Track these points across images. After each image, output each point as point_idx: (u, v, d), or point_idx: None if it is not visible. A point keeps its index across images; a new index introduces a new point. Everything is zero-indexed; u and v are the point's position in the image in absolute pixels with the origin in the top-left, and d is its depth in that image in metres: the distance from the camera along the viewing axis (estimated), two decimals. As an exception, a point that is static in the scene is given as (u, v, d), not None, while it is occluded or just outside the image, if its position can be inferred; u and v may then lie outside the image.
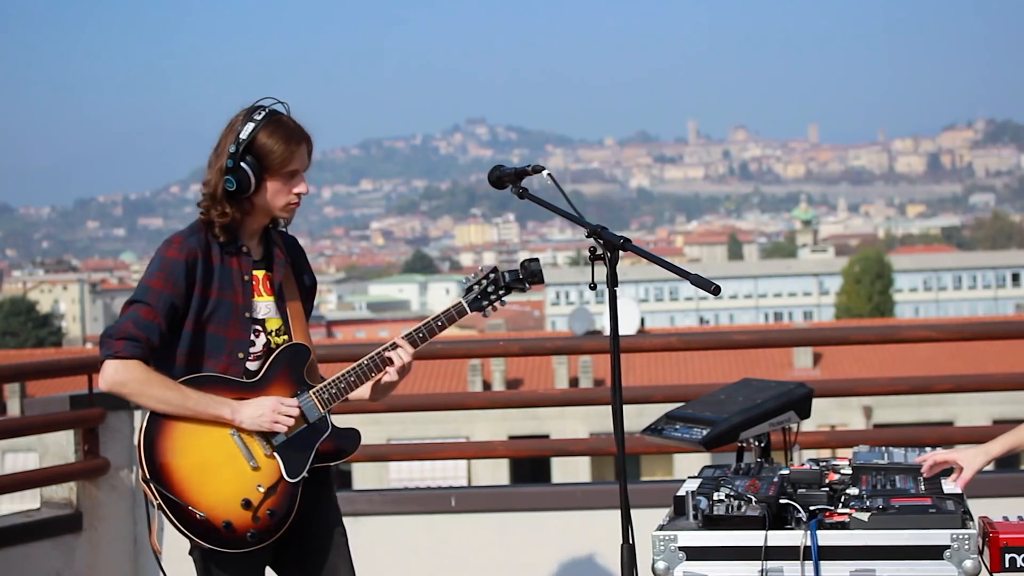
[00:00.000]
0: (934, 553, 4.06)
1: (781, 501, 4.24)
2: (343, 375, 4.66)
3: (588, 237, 4.26)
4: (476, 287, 4.80)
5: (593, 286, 4.25)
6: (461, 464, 39.16)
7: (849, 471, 4.70)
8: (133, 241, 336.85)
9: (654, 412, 5.45)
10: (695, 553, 4.18)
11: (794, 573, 4.09)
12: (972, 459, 4.51)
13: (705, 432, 4.88)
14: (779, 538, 4.12)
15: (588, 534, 6.99)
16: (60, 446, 7.16)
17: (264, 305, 4.63)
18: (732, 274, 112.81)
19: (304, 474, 4.57)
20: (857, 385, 8.03)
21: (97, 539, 7.13)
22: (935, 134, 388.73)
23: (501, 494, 7.67)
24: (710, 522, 4.21)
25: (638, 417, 7.12)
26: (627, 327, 40.81)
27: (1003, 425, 5.29)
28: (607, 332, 4.27)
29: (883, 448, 4.95)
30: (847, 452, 5.10)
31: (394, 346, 4.71)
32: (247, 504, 4.43)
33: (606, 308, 4.19)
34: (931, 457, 4.58)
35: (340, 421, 4.74)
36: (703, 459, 5.91)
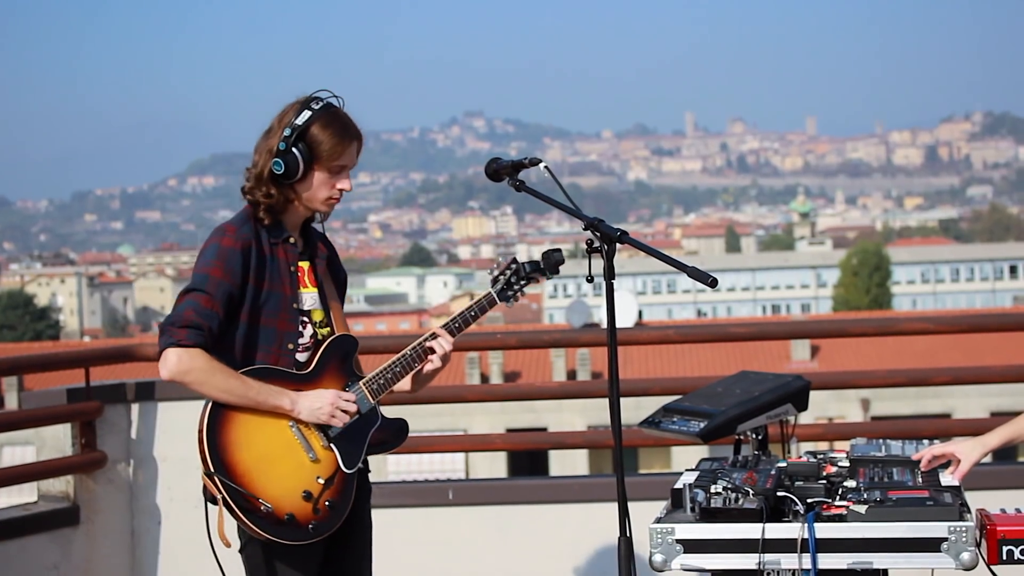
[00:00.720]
0: (931, 545, 4.05)
1: (778, 494, 4.23)
2: (389, 366, 4.68)
3: (585, 230, 4.26)
4: (501, 277, 4.84)
5: (590, 278, 4.26)
6: (459, 457, 39.18)
7: (847, 464, 4.69)
8: (131, 234, 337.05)
9: (652, 405, 5.45)
10: (692, 546, 4.18)
11: (791, 565, 4.09)
12: (970, 452, 4.51)
13: (702, 425, 4.88)
14: (776, 531, 4.12)
15: (586, 527, 6.98)
16: (57, 439, 7.16)
17: (309, 296, 4.64)
18: (730, 267, 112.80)
19: (360, 464, 4.60)
20: (854, 377, 8.05)
21: (94, 532, 7.13)
22: (933, 126, 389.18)
23: (499, 487, 7.67)
24: (707, 515, 4.20)
25: (636, 410, 7.11)
26: (625, 320, 40.83)
27: (1001, 417, 5.28)
28: (605, 325, 4.27)
29: (880, 440, 4.94)
30: (845, 445, 5.09)
31: (434, 336, 4.75)
32: (308, 496, 4.43)
33: (604, 301, 4.19)
34: (928, 452, 4.57)
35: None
36: (701, 452, 5.91)
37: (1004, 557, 4.13)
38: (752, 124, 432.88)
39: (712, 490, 4.25)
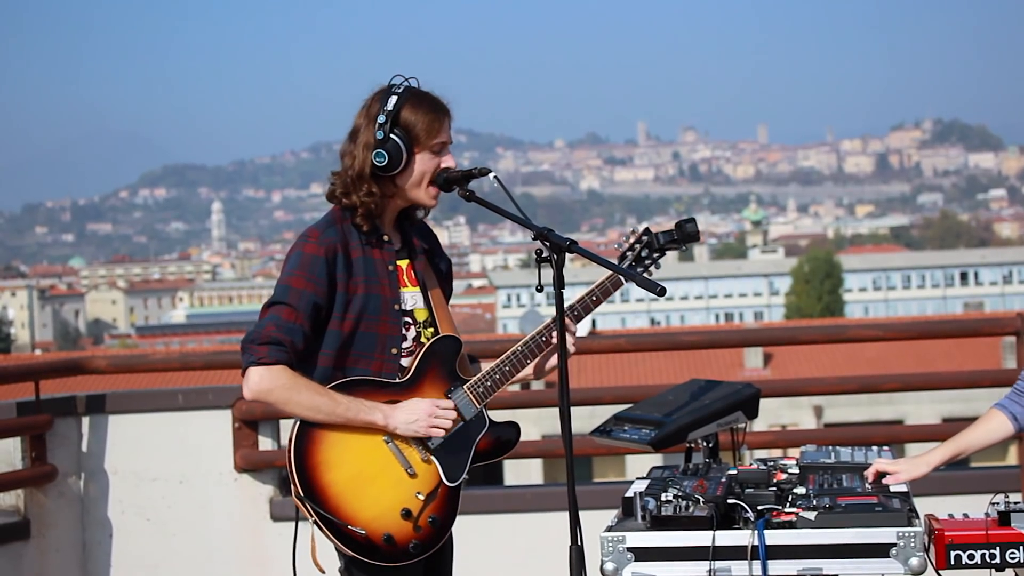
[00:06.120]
0: (880, 551, 4.08)
1: (729, 501, 4.25)
2: (498, 366, 4.48)
3: (535, 239, 4.24)
4: (629, 253, 4.65)
5: (540, 288, 4.24)
6: (413, 467, 39.04)
7: (796, 470, 4.72)
8: (82, 246, 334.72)
9: (606, 413, 5.46)
10: (643, 554, 4.18)
11: (742, 573, 4.10)
12: (913, 470, 4.53)
13: (653, 433, 4.89)
14: (727, 538, 4.13)
15: (539, 536, 6.99)
16: (7, 453, 7.12)
17: (411, 296, 4.42)
18: (683, 275, 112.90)
19: (464, 476, 4.39)
20: (805, 385, 8.08)
21: (45, 546, 7.09)
22: (883, 134, 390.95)
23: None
24: (658, 523, 4.21)
25: (591, 419, 7.12)
26: (579, 329, 40.87)
27: (952, 424, 5.33)
28: (555, 335, 4.27)
29: (830, 447, 4.98)
30: (796, 452, 5.13)
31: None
32: (407, 514, 4.23)
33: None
34: (874, 468, 4.59)
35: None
36: (655, 460, 5.93)
37: (952, 562, 4.16)
38: (704, 133, 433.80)
39: (663, 498, 4.27)
